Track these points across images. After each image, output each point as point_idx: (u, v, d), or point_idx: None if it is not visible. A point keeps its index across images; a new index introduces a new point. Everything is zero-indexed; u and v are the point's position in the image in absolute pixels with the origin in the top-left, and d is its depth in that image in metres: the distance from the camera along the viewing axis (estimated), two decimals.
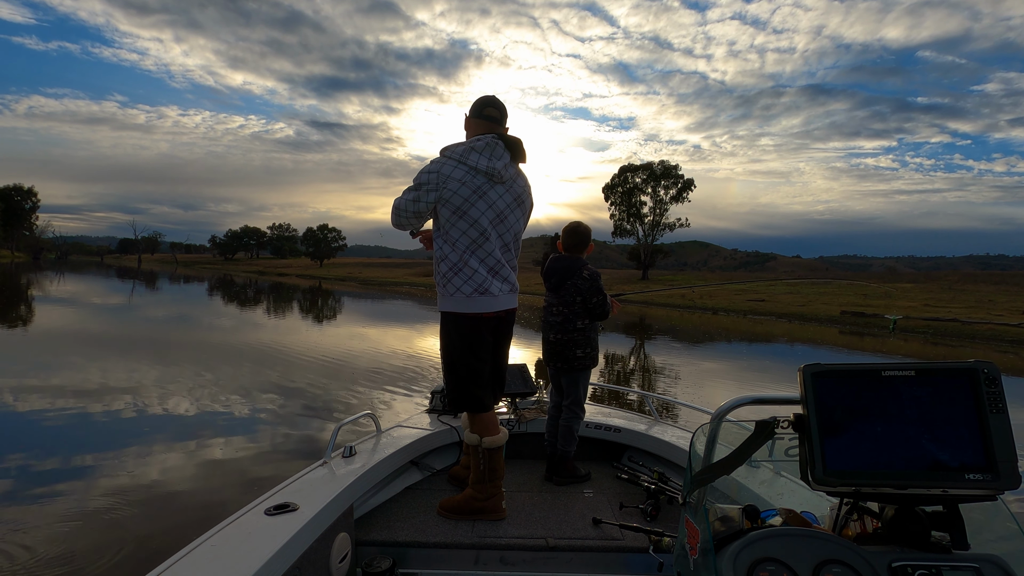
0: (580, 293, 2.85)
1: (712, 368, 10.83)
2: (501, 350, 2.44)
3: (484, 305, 2.24)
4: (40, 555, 3.05)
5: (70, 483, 4.01)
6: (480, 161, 2.17)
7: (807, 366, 1.02)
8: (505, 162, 2.22)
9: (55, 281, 33.42)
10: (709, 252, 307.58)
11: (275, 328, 14.60)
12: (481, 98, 2.33)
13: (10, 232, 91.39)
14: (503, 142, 2.24)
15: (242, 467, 4.46)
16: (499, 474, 2.37)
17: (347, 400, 6.78)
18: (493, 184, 2.20)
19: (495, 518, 2.34)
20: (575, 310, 2.87)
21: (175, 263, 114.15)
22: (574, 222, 2.99)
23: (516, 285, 2.39)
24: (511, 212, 2.28)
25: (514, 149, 2.26)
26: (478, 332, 2.29)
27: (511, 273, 2.36)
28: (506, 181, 2.24)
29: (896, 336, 18.37)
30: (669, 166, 53.79)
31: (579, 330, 2.87)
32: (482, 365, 2.33)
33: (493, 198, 2.21)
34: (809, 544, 0.97)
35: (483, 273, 2.23)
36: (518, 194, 2.30)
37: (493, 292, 2.25)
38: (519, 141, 2.29)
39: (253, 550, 1.46)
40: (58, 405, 6.03)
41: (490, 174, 2.18)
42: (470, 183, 2.16)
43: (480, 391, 2.34)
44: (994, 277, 43.73)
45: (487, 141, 2.21)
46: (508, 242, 2.33)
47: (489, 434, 2.35)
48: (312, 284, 45.43)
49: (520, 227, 2.36)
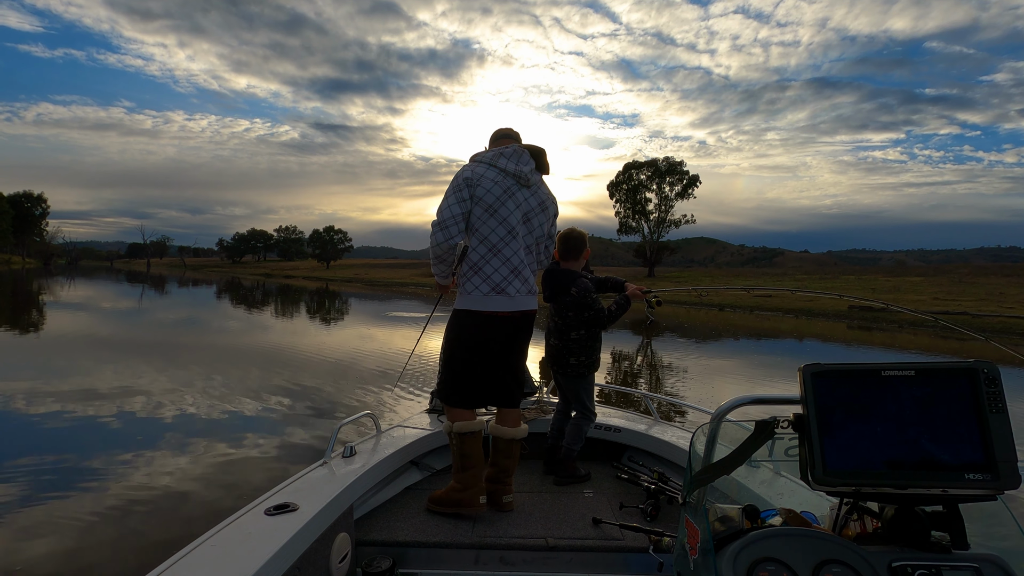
0: (571, 309, 2.85)
1: (720, 366, 10.79)
2: (519, 352, 2.46)
3: (499, 304, 2.30)
4: (41, 554, 3.08)
5: (78, 484, 4.05)
6: (509, 165, 2.32)
7: (807, 366, 1.02)
8: (531, 168, 2.36)
9: (66, 286, 33.77)
10: (716, 248, 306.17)
11: (282, 330, 14.69)
12: (497, 130, 2.54)
13: (21, 238, 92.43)
14: (528, 151, 2.39)
15: (242, 467, 4.49)
16: (473, 462, 2.36)
17: (347, 400, 6.82)
18: (520, 187, 2.34)
19: (472, 511, 2.32)
20: (568, 322, 2.88)
21: (183, 267, 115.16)
22: (567, 229, 2.93)
23: (535, 288, 2.46)
24: (536, 215, 2.41)
25: (538, 158, 2.41)
26: (487, 331, 2.32)
27: (531, 276, 2.43)
28: (531, 186, 2.38)
29: (906, 331, 18.23)
30: (674, 162, 53.63)
31: (574, 340, 2.87)
32: (479, 365, 2.35)
33: (521, 199, 2.33)
34: (809, 544, 0.96)
35: (504, 273, 2.31)
36: (542, 199, 2.43)
37: (510, 293, 2.31)
38: (542, 151, 2.44)
39: (253, 550, 1.47)
40: (67, 408, 6.09)
41: (518, 176, 2.32)
42: (501, 183, 2.30)
43: (470, 389, 2.38)
44: (1005, 269, 43.20)
45: (514, 148, 2.36)
46: (530, 244, 2.43)
47: (459, 419, 2.37)
48: (319, 286, 45.67)
49: (543, 231, 2.47)
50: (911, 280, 37.57)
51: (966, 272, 41.34)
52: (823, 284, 37.21)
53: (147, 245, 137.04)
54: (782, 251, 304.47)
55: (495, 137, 2.53)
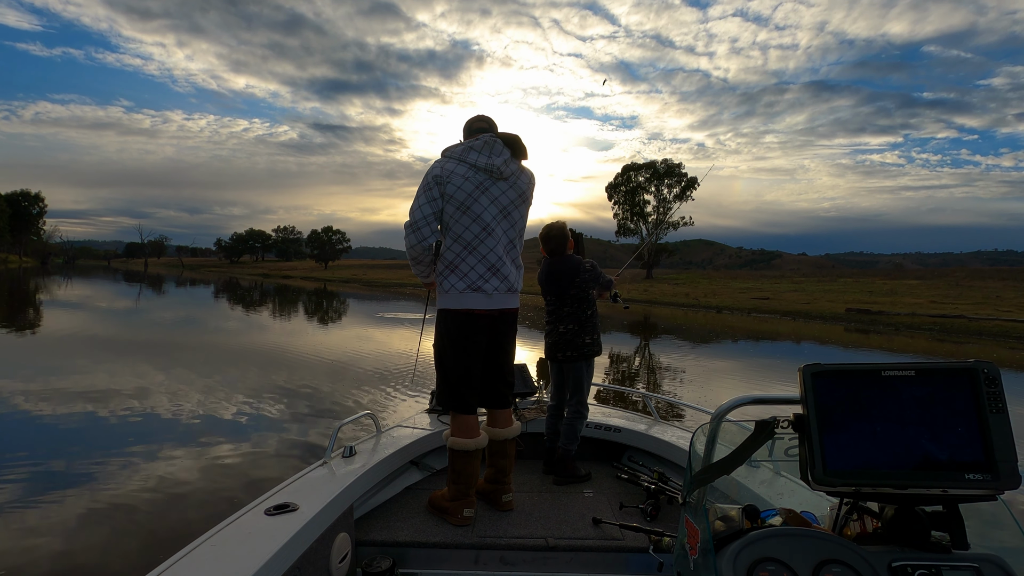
0: (595, 279, 2.97)
1: (718, 367, 10.79)
2: (502, 351, 2.40)
3: (477, 302, 2.25)
4: (42, 553, 3.07)
5: (74, 484, 4.03)
6: (479, 159, 2.21)
7: (807, 366, 1.02)
8: (505, 158, 2.24)
9: (63, 285, 33.65)
10: (714, 250, 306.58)
11: (280, 330, 14.66)
12: (469, 120, 2.44)
13: (18, 237, 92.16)
14: (501, 140, 2.27)
15: (241, 467, 4.48)
16: (464, 478, 2.30)
17: (347, 400, 6.81)
18: (495, 180, 2.23)
19: (455, 522, 2.29)
20: (583, 301, 2.98)
21: (181, 267, 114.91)
22: (545, 226, 3.05)
23: (516, 285, 2.35)
24: (515, 208, 2.29)
25: (513, 146, 2.27)
26: (469, 330, 2.28)
27: (512, 272, 2.34)
28: (508, 177, 2.26)
29: (903, 334, 18.26)
30: (672, 164, 53.72)
31: (588, 318, 2.99)
32: (471, 364, 2.32)
33: (496, 194, 2.24)
34: (809, 544, 0.97)
35: (480, 271, 2.24)
36: (522, 190, 2.30)
37: (487, 290, 2.25)
38: (517, 137, 2.30)
39: (253, 550, 1.47)
40: (64, 407, 6.07)
41: (490, 171, 2.21)
42: (472, 179, 2.20)
43: (465, 390, 2.33)
44: (1002, 273, 43.37)
45: (485, 139, 2.25)
46: (513, 238, 2.33)
47: (456, 436, 2.33)
48: (317, 286, 45.60)
49: (524, 224, 2.37)
50: (908, 283, 37.66)
51: (963, 275, 41.46)
52: (821, 286, 37.27)
53: (145, 245, 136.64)
54: (780, 253, 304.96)
55: (467, 127, 2.42)
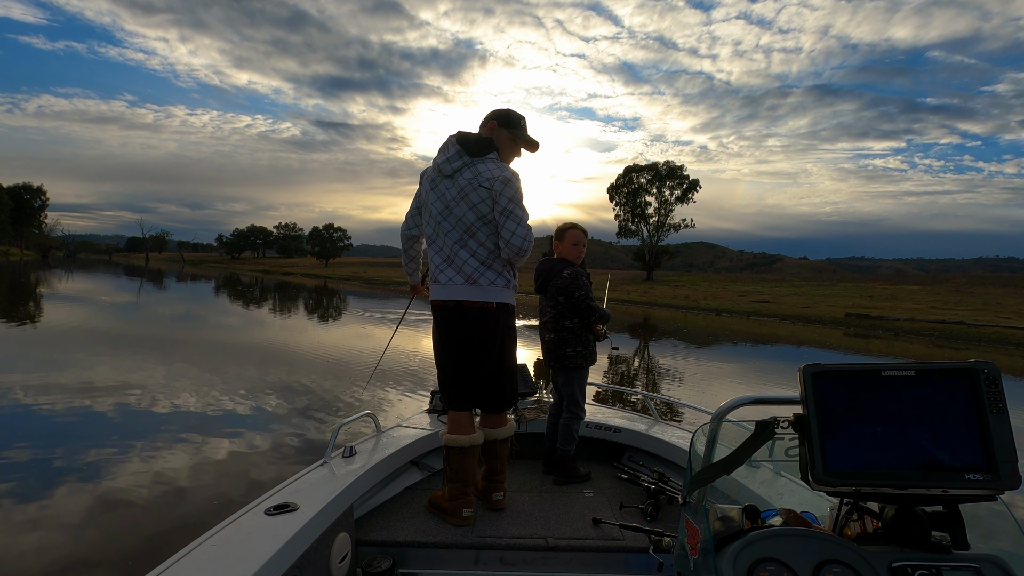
0: (562, 293, 2.92)
1: (717, 370, 10.79)
2: (483, 349, 2.31)
3: (435, 293, 2.35)
4: (43, 553, 3.08)
5: (73, 481, 4.04)
6: (437, 158, 2.35)
7: (807, 366, 1.02)
8: (447, 156, 2.29)
9: (64, 279, 33.66)
10: (715, 253, 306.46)
11: (280, 327, 14.66)
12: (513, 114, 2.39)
13: (20, 230, 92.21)
14: (457, 138, 2.32)
15: (241, 467, 4.48)
16: (461, 475, 2.32)
17: (347, 400, 6.81)
18: (443, 178, 2.31)
19: (455, 522, 2.30)
20: (560, 310, 2.94)
21: (182, 262, 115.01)
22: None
23: (476, 278, 2.27)
24: (456, 205, 2.25)
25: (466, 144, 2.27)
26: (441, 324, 2.35)
27: (470, 263, 2.26)
28: (453, 175, 2.29)
29: (902, 339, 18.25)
30: (674, 166, 53.72)
31: (568, 329, 2.92)
32: (450, 359, 2.36)
33: (442, 190, 2.31)
34: (809, 544, 0.97)
35: (437, 262, 2.35)
36: (462, 187, 2.25)
37: (441, 281, 2.31)
38: (469, 134, 2.31)
39: (253, 550, 1.47)
40: (63, 402, 6.08)
41: (440, 168, 2.32)
42: (430, 176, 2.36)
43: (451, 387, 2.38)
44: (1003, 279, 43.27)
45: (446, 140, 2.36)
46: (462, 232, 2.26)
47: (450, 432, 2.36)
48: (318, 283, 45.58)
49: (474, 216, 2.24)
50: (909, 288, 37.64)
51: (964, 281, 41.41)
52: (821, 290, 37.26)
53: (146, 239, 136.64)
54: (781, 257, 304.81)
55: (514, 121, 2.45)
